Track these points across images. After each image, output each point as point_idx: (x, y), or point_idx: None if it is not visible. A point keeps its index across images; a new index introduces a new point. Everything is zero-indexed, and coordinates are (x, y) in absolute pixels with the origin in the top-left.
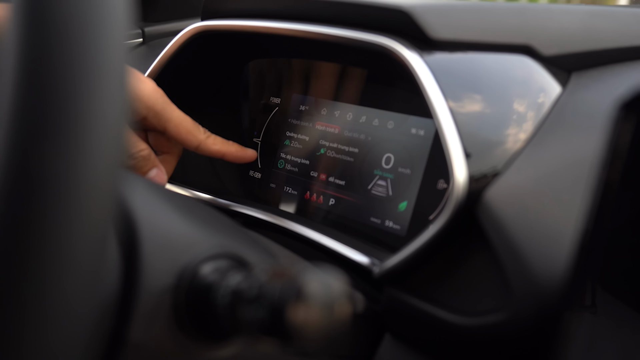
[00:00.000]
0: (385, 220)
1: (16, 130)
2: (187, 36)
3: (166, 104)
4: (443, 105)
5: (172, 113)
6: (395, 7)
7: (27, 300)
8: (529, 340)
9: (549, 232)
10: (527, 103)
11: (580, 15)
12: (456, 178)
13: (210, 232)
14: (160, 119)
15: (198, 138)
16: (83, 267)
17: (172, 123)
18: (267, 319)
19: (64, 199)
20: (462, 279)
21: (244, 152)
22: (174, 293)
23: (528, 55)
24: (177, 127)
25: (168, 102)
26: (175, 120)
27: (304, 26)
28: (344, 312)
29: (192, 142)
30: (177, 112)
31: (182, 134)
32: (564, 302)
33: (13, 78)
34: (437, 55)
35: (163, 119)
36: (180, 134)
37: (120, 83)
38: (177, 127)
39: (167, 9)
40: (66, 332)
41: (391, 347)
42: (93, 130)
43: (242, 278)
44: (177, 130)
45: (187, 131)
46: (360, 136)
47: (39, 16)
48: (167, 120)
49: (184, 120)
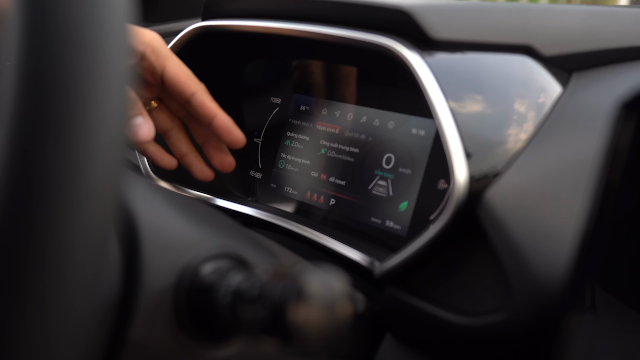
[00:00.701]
0: (385, 220)
1: (16, 132)
2: (188, 36)
3: (164, 46)
4: (444, 105)
5: (171, 55)
6: (396, 7)
7: (29, 300)
8: (530, 340)
9: (550, 232)
10: (527, 103)
11: (580, 16)
12: (457, 178)
13: (211, 232)
14: (159, 57)
15: (197, 85)
16: (84, 267)
17: (171, 62)
18: (268, 318)
19: (65, 199)
20: (462, 279)
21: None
22: (175, 293)
23: (529, 55)
24: (177, 67)
25: (166, 47)
26: (175, 61)
27: (304, 26)
28: (345, 312)
29: (189, 88)
30: (176, 58)
31: (182, 77)
32: (564, 302)
33: (13, 78)
34: (437, 56)
35: (162, 57)
36: (180, 76)
37: (121, 84)
38: (177, 67)
39: (168, 9)
40: (67, 332)
41: (392, 347)
42: (94, 131)
43: (243, 278)
44: (177, 71)
45: (187, 75)
46: (360, 136)
47: (42, 16)
48: (165, 59)
49: (182, 65)
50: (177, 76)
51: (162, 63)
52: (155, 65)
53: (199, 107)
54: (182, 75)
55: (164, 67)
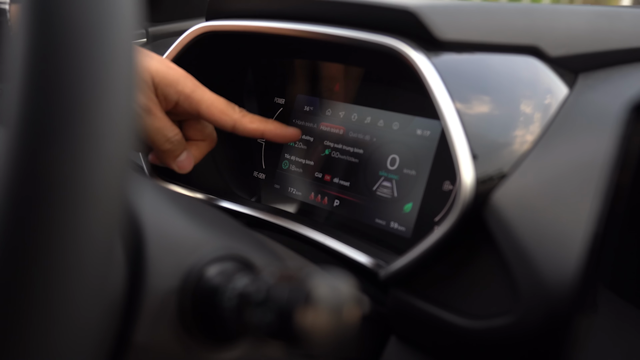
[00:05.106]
0: (390, 221)
1: (24, 134)
2: (192, 37)
3: (196, 86)
4: (450, 106)
5: (203, 95)
6: (402, 7)
7: (35, 302)
8: (537, 343)
9: (557, 235)
10: (534, 104)
11: (587, 16)
12: (463, 179)
13: (216, 234)
14: (192, 102)
15: (232, 117)
16: (90, 270)
17: (204, 104)
18: (275, 322)
19: (72, 201)
20: (468, 281)
21: (284, 130)
22: (180, 295)
23: (535, 56)
24: (209, 108)
25: (198, 84)
26: (207, 102)
27: (308, 27)
28: (353, 315)
29: (227, 122)
30: (209, 94)
31: (216, 115)
32: (573, 306)
33: (20, 80)
34: (443, 56)
35: (194, 101)
36: (214, 115)
37: (128, 86)
38: (210, 107)
39: (171, 9)
40: (73, 335)
41: (397, 350)
42: (101, 134)
43: (249, 281)
44: (210, 111)
45: (221, 111)
46: (365, 137)
47: (48, 16)
48: (198, 102)
49: (216, 101)
50: (212, 116)
51: (196, 108)
52: (190, 110)
53: (244, 132)
54: (216, 114)
55: (198, 111)
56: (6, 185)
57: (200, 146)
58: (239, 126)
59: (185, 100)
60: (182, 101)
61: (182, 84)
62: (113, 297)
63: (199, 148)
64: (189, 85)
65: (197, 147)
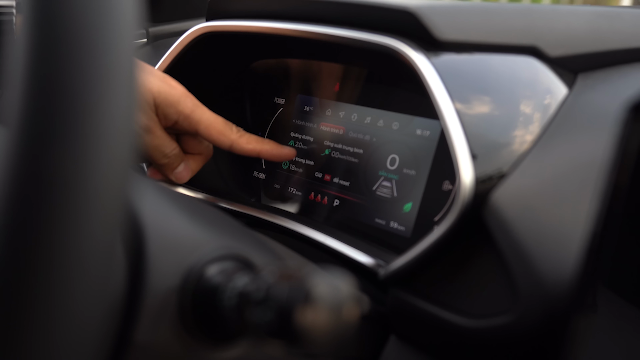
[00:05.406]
0: (390, 221)
1: (26, 134)
2: (192, 37)
3: (196, 106)
4: (449, 106)
5: (202, 115)
6: (401, 7)
7: (36, 301)
8: (536, 342)
9: (556, 234)
10: (533, 104)
11: (586, 16)
12: (462, 179)
13: (216, 234)
14: (191, 122)
15: (230, 138)
16: (91, 269)
17: (202, 125)
18: (275, 321)
19: (73, 201)
20: (468, 281)
21: (280, 150)
22: (180, 294)
23: (534, 56)
24: (207, 128)
25: (197, 104)
26: (205, 122)
27: (308, 27)
28: (352, 315)
29: (225, 142)
30: (208, 114)
31: (214, 135)
32: (572, 305)
33: (22, 82)
34: (443, 57)
35: (193, 121)
36: (212, 135)
37: (129, 88)
38: (208, 128)
39: (171, 9)
40: (73, 333)
41: (396, 349)
42: (102, 134)
43: (249, 280)
44: (208, 131)
45: (219, 132)
46: (365, 137)
47: (49, 18)
48: (197, 123)
49: (214, 122)
50: (210, 136)
51: (195, 128)
52: (189, 129)
53: (240, 152)
54: (214, 135)
55: (197, 130)
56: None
57: (197, 159)
58: (236, 146)
59: (184, 120)
60: (182, 121)
61: (183, 104)
62: (114, 296)
63: (195, 161)
64: (189, 105)
65: (194, 159)
